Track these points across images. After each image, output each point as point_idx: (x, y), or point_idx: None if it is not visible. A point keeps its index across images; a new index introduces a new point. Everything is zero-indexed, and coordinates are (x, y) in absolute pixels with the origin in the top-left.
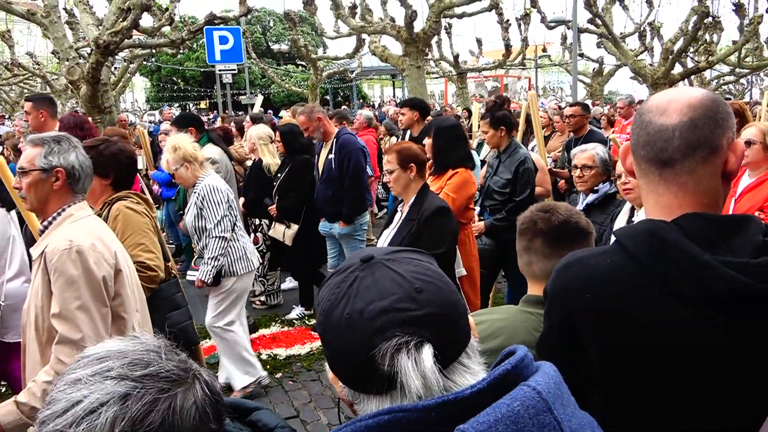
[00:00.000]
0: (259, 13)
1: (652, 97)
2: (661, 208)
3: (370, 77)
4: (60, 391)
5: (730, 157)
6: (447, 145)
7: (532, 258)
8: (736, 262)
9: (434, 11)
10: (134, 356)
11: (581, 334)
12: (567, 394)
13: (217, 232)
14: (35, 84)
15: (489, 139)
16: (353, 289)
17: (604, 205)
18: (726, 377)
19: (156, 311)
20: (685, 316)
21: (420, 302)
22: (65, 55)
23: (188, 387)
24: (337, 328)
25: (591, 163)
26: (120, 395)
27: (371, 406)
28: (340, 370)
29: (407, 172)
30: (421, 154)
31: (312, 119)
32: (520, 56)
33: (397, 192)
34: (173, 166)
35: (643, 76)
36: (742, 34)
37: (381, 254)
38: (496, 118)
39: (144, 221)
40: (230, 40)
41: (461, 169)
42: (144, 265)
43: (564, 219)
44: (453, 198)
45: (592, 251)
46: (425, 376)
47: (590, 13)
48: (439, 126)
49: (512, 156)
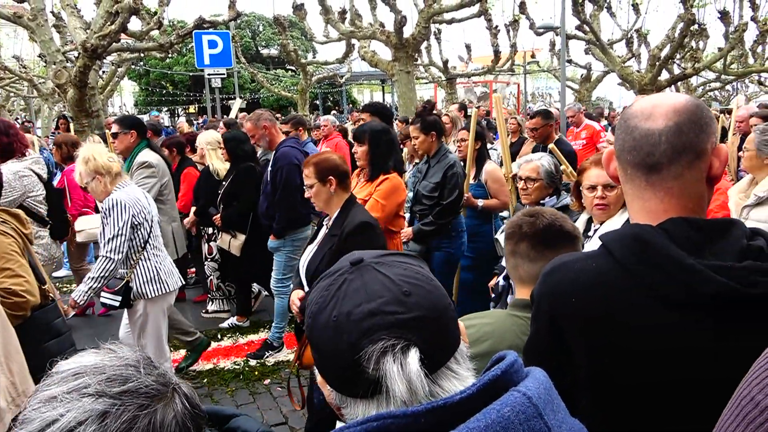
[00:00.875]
0: (248, 17)
1: (635, 102)
2: (647, 213)
3: (359, 82)
4: (34, 409)
5: (714, 161)
6: (382, 151)
7: (518, 261)
8: (721, 265)
9: (423, 17)
10: (112, 372)
11: (568, 338)
12: (557, 399)
13: (105, 251)
14: (21, 87)
15: (420, 144)
16: (341, 292)
17: None
18: (712, 380)
19: (29, 341)
20: (672, 320)
21: (408, 305)
22: (52, 58)
23: (168, 402)
24: (324, 330)
25: (535, 175)
26: (98, 413)
27: (358, 410)
28: (328, 372)
29: (327, 185)
30: (342, 164)
31: (258, 127)
32: (509, 62)
33: (320, 207)
34: (85, 179)
35: (631, 82)
36: (728, 41)
37: (370, 257)
38: (426, 123)
39: (7, 242)
40: (219, 44)
41: (392, 174)
42: (9, 291)
43: (548, 222)
44: (383, 204)
45: (578, 255)
46: (410, 381)
47: (578, 19)
48: (374, 131)
49: (441, 161)
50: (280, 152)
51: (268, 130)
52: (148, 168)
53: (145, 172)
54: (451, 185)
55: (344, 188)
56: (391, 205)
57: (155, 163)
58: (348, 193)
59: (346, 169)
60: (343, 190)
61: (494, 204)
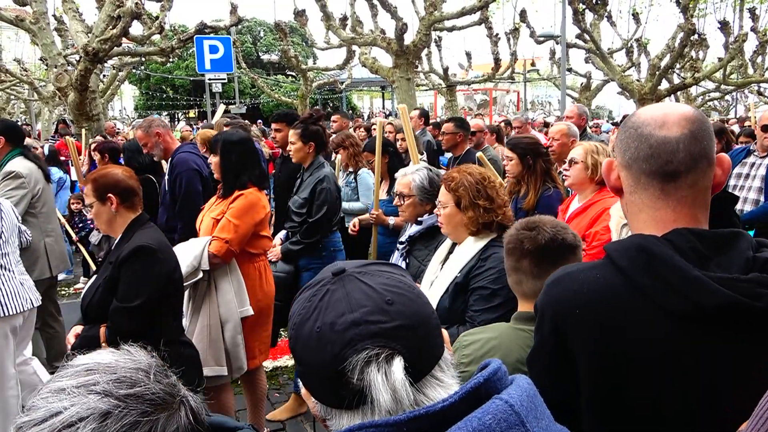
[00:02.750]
0: (249, 23)
1: (641, 111)
2: (655, 223)
3: (359, 88)
4: (42, 398)
5: (717, 170)
6: (235, 164)
7: (521, 277)
8: (726, 277)
9: (425, 24)
10: (122, 373)
11: (571, 348)
12: (542, 406)
13: None
14: (22, 90)
15: (295, 151)
16: (324, 302)
17: (429, 237)
18: (716, 392)
19: None
20: (675, 331)
21: (391, 314)
22: (53, 61)
23: (173, 413)
24: (308, 341)
25: (407, 191)
26: (101, 412)
27: (343, 422)
28: (312, 384)
29: (107, 204)
30: (124, 180)
31: (150, 134)
32: (509, 70)
33: (104, 230)
34: None
35: (630, 91)
36: (728, 51)
37: (352, 267)
38: (308, 131)
39: None
40: (220, 49)
41: (248, 190)
42: None
43: (550, 237)
44: (235, 225)
45: (582, 266)
46: (395, 390)
47: (578, 28)
48: (227, 141)
49: (313, 174)
50: (176, 159)
51: (161, 137)
52: (16, 179)
53: (12, 183)
54: (320, 201)
55: (129, 207)
56: (246, 226)
57: (25, 173)
58: (135, 213)
59: (130, 185)
60: (128, 209)
61: (397, 222)
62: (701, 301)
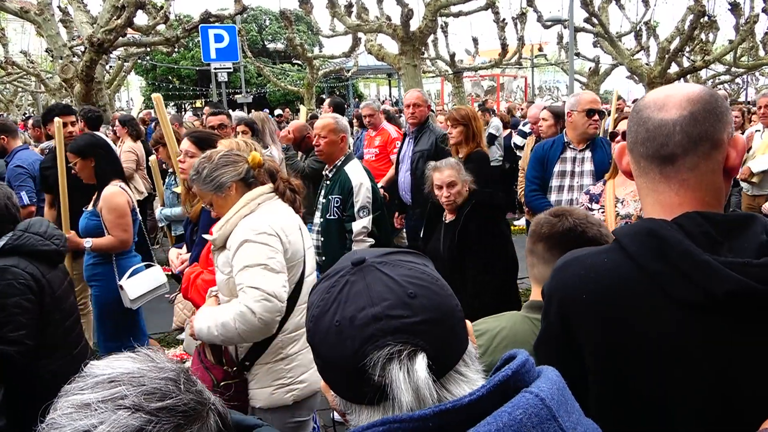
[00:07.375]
0: (254, 11)
1: (648, 93)
2: (661, 207)
3: (366, 76)
4: (65, 414)
5: (731, 152)
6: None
7: (534, 261)
8: (737, 262)
9: (430, 10)
10: (151, 385)
11: (578, 334)
12: (571, 400)
13: None
14: (29, 82)
15: None
16: (343, 295)
17: None
18: (726, 379)
19: None
20: (684, 317)
21: (414, 308)
22: (59, 53)
23: (204, 422)
24: (326, 335)
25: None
26: (133, 429)
27: (363, 417)
28: (331, 378)
29: None
30: None
31: None
32: (516, 55)
33: None
34: None
35: (640, 75)
36: (738, 33)
37: (373, 256)
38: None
39: None
40: (225, 38)
41: None
42: None
43: (569, 227)
44: None
45: (591, 251)
46: (417, 389)
47: (586, 12)
48: None
49: None
50: None
51: None
52: None
53: None
54: None
55: None
56: None
57: None
58: None
59: None
60: None
61: (105, 244)
62: (712, 288)
